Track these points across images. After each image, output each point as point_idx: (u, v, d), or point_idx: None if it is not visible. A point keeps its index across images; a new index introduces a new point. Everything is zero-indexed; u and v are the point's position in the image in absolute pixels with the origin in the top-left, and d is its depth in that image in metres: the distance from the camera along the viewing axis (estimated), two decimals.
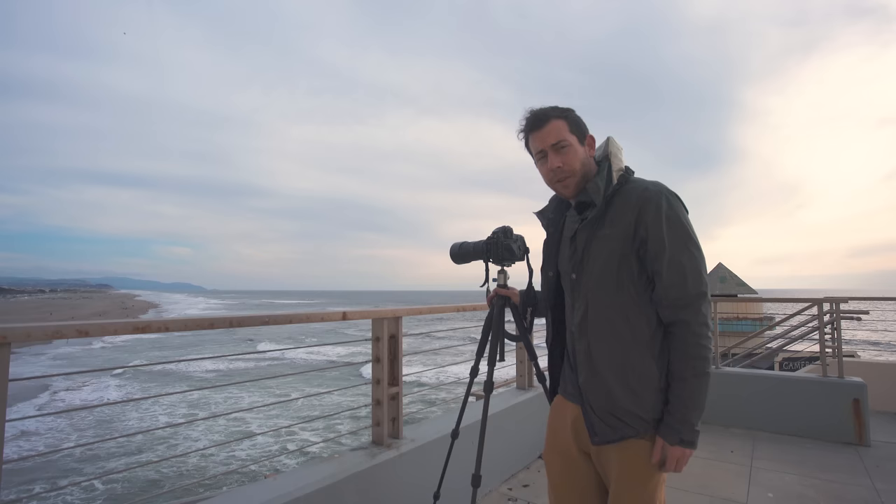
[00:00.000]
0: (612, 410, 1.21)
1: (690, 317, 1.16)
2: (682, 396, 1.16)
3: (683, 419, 1.16)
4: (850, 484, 3.07)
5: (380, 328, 2.32)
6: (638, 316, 1.20)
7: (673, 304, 1.18)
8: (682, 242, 1.18)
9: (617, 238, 1.21)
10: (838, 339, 4.22)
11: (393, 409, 2.35)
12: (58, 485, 9.99)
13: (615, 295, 1.21)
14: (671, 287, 1.17)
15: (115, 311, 65.85)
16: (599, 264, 1.23)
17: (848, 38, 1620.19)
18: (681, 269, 1.17)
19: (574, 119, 1.31)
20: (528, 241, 1.80)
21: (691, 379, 1.16)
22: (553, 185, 1.34)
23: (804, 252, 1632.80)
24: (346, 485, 1.97)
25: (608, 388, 1.21)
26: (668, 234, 1.18)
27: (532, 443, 3.31)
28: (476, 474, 1.61)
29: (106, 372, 27.95)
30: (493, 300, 1.76)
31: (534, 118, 1.31)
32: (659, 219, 1.18)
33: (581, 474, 1.32)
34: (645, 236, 1.18)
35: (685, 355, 1.16)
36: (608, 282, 1.22)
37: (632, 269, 1.20)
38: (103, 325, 1.56)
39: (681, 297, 1.17)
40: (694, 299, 1.17)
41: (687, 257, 1.18)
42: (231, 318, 1.73)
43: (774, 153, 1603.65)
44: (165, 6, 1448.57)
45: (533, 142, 1.33)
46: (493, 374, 1.75)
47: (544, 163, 1.32)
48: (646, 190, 1.21)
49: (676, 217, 1.19)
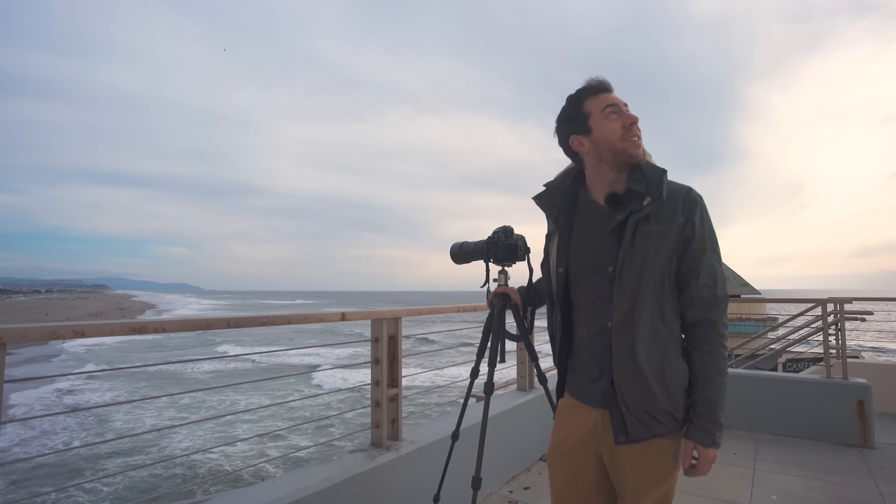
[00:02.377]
0: (648, 409, 1.19)
1: (717, 317, 1.20)
2: (712, 398, 1.18)
3: (714, 420, 1.17)
4: (854, 486, 3.04)
5: (379, 329, 2.30)
6: (674, 315, 1.22)
7: (704, 304, 1.20)
8: (714, 247, 1.23)
9: (668, 235, 1.19)
10: (842, 340, 4.19)
11: (392, 411, 2.34)
12: (63, 485, 9.98)
13: (660, 292, 1.21)
14: (707, 287, 1.20)
15: (112, 311, 65.37)
16: (649, 260, 1.18)
17: (852, 35, 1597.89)
18: (713, 271, 1.21)
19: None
20: (529, 241, 1.79)
21: (717, 379, 1.18)
22: (625, 142, 1.23)
23: (807, 252, 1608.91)
24: (346, 487, 1.95)
25: (647, 387, 1.17)
26: (709, 237, 1.22)
27: (533, 445, 3.29)
28: (476, 476, 1.60)
29: (97, 372, 28.02)
30: (494, 300, 1.74)
31: (604, 81, 1.28)
32: (704, 221, 1.22)
33: (589, 478, 1.28)
34: (691, 236, 1.20)
35: (712, 355, 1.19)
36: (654, 278, 1.19)
37: (671, 268, 1.22)
38: (100, 325, 1.55)
39: (712, 297, 1.20)
40: (721, 301, 1.21)
41: (717, 261, 1.23)
42: (229, 319, 1.72)
43: (777, 152, 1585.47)
44: (162, 4, 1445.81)
45: (601, 99, 1.25)
46: (493, 376, 1.73)
47: (614, 118, 1.23)
48: (691, 191, 1.24)
49: (710, 222, 1.25)
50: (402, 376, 2.37)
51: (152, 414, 15.29)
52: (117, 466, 10.80)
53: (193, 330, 1.69)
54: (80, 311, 61.73)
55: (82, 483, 10.09)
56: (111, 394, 18.59)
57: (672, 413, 1.20)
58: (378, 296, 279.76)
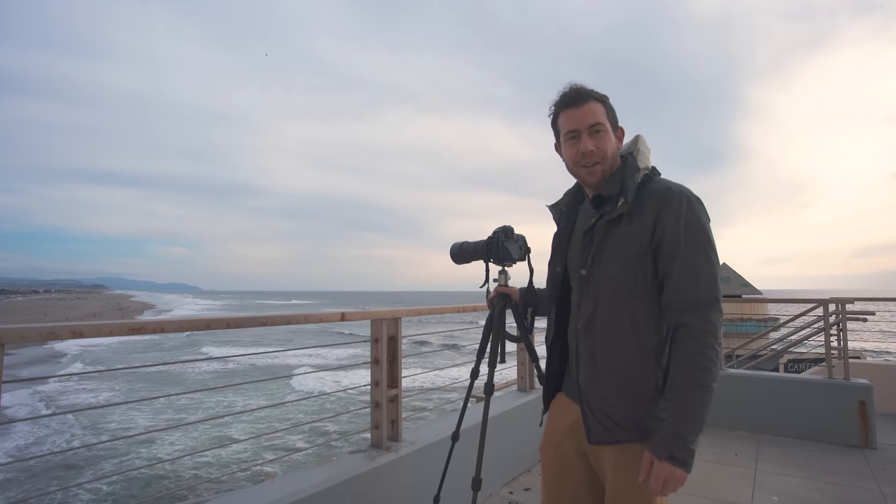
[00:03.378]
0: (609, 413, 1.18)
1: (695, 321, 1.10)
2: (675, 408, 1.07)
3: (675, 434, 1.06)
4: (856, 487, 3.03)
5: (379, 329, 2.29)
6: (647, 321, 1.16)
7: (680, 307, 1.12)
8: (698, 246, 1.13)
9: (635, 237, 1.16)
10: (844, 341, 4.17)
11: (392, 412, 2.33)
12: (67, 485, 9.98)
13: (626, 296, 1.17)
14: (682, 290, 1.12)
15: (111, 312, 65.10)
16: (614, 263, 1.18)
17: (854, 34, 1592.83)
18: (695, 272, 1.12)
19: (611, 107, 1.26)
20: (529, 241, 1.78)
21: (687, 389, 1.07)
22: (578, 169, 1.25)
23: (809, 252, 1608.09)
24: (345, 488, 1.95)
25: (608, 392, 1.18)
26: (686, 236, 1.13)
27: (533, 445, 3.27)
28: (476, 477, 1.59)
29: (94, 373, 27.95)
30: (494, 301, 1.73)
31: (573, 94, 1.23)
32: (678, 220, 1.14)
33: (573, 473, 1.30)
34: (662, 237, 1.14)
35: (684, 363, 1.09)
36: (621, 282, 1.17)
37: (646, 271, 1.16)
38: (98, 325, 1.54)
39: (691, 300, 1.11)
40: (704, 304, 1.10)
41: (703, 261, 1.13)
42: (228, 319, 1.72)
43: (779, 151, 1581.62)
44: (160, 3, 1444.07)
45: (565, 119, 1.24)
46: (493, 376, 1.72)
47: (573, 144, 1.23)
48: (668, 190, 1.17)
49: (696, 220, 1.14)
50: (401, 377, 2.36)
51: (148, 415, 15.23)
52: (111, 468, 10.73)
53: (192, 330, 1.69)
54: (79, 312, 61.57)
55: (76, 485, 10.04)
56: (105, 395, 18.47)
57: (638, 421, 1.15)
58: (378, 296, 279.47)
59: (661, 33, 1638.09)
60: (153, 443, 12.36)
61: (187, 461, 10.76)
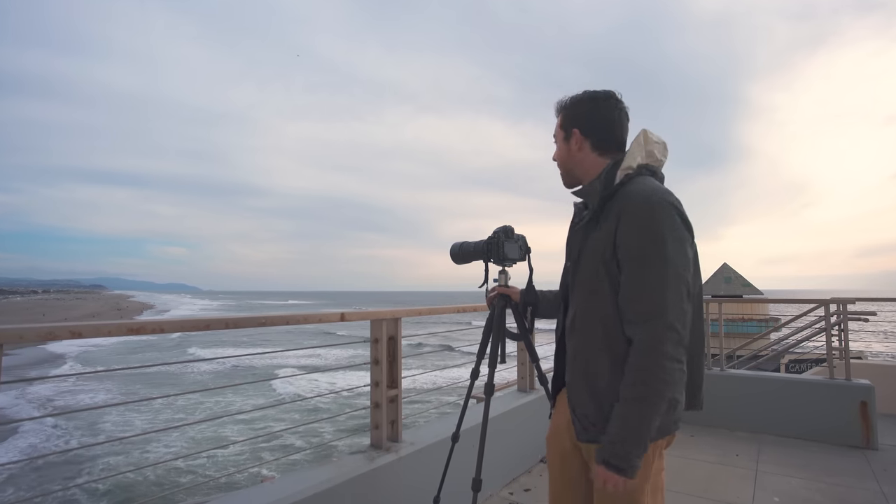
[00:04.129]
0: (586, 414, 1.21)
1: (639, 335, 1.09)
2: (617, 416, 1.09)
3: (613, 441, 1.09)
4: (857, 488, 3.02)
5: (378, 329, 2.29)
6: (616, 326, 1.15)
7: (628, 318, 1.12)
8: (647, 257, 1.09)
9: (601, 242, 1.18)
10: (845, 341, 4.16)
11: (392, 412, 2.32)
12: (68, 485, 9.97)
13: (595, 301, 1.19)
14: (630, 301, 1.11)
15: (110, 312, 64.81)
16: (587, 267, 1.21)
17: (856, 33, 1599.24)
18: (641, 283, 1.10)
19: (569, 112, 1.32)
20: (529, 241, 1.78)
21: (629, 401, 1.08)
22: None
23: (810, 252, 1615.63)
24: (345, 489, 1.94)
25: (583, 392, 1.22)
26: (638, 245, 1.10)
27: (534, 446, 3.27)
28: (476, 478, 1.59)
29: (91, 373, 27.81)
30: (494, 301, 1.73)
31: (556, 106, 1.36)
32: (632, 227, 1.11)
33: (573, 465, 1.33)
34: (619, 244, 1.13)
35: (627, 376, 1.09)
36: (591, 285, 1.20)
37: (613, 276, 1.16)
38: (97, 326, 1.54)
39: (637, 312, 1.10)
40: (648, 318, 1.08)
41: (651, 273, 1.09)
42: (227, 320, 1.71)
43: (780, 151, 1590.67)
44: (159, 2, 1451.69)
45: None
46: (493, 377, 1.72)
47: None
48: (632, 194, 1.15)
49: (654, 229, 1.09)
50: (401, 377, 2.35)
51: (145, 416, 15.15)
52: (108, 469, 10.68)
53: (191, 330, 1.68)
54: (78, 312, 61.47)
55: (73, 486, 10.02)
56: (101, 396, 18.37)
57: (604, 423, 1.16)
58: (378, 296, 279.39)
59: (661, 32, 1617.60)
60: (150, 444, 12.30)
61: (185, 462, 10.73)
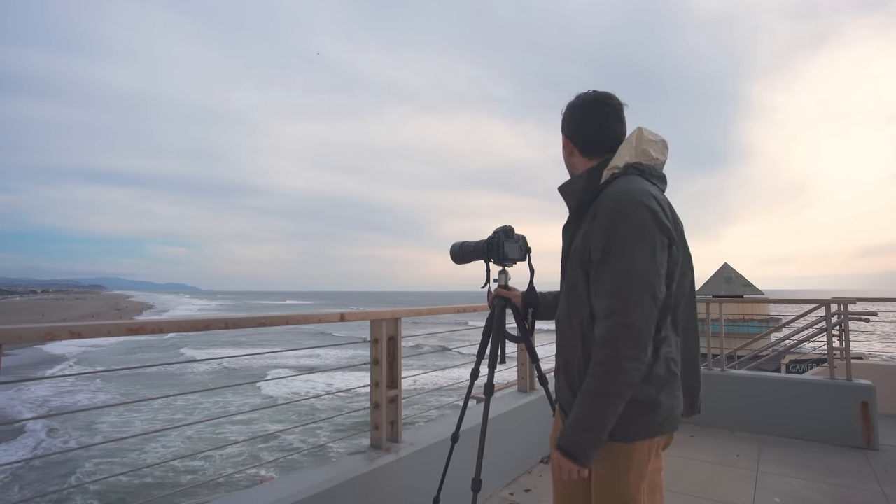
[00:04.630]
0: (565, 408, 1.25)
1: (599, 331, 1.11)
2: (575, 406, 1.13)
3: (569, 428, 1.14)
4: (858, 489, 3.01)
5: (378, 329, 2.28)
6: (589, 325, 1.17)
7: (595, 316, 1.13)
8: (611, 255, 1.10)
9: (581, 242, 1.21)
10: (846, 341, 4.15)
11: (392, 413, 2.32)
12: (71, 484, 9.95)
13: (574, 299, 1.22)
14: (595, 298, 1.14)
15: (109, 312, 64.60)
16: (571, 266, 1.25)
17: (857, 32, 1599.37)
18: (606, 282, 1.11)
19: (565, 118, 1.35)
20: (529, 241, 1.77)
21: (585, 393, 1.11)
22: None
23: (811, 252, 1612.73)
24: (345, 489, 1.94)
25: (566, 389, 1.25)
26: (605, 244, 1.11)
27: (534, 447, 3.27)
28: (476, 479, 1.58)
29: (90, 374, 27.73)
30: (494, 301, 1.73)
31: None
32: (601, 226, 1.13)
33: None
34: (589, 243, 1.16)
35: (590, 369, 1.11)
36: (573, 283, 1.23)
37: (588, 277, 1.18)
38: (96, 326, 1.54)
39: (599, 308, 1.12)
40: (608, 314, 1.09)
41: (616, 271, 1.09)
42: (227, 320, 1.71)
43: (781, 151, 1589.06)
44: (159, 2, 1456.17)
45: None
46: (493, 377, 1.72)
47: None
48: (606, 193, 1.17)
49: (621, 228, 1.10)
50: (401, 377, 2.35)
51: (143, 417, 15.13)
52: (105, 470, 10.64)
53: (191, 331, 1.68)
54: (77, 312, 61.38)
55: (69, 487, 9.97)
56: (101, 396, 18.37)
57: None
58: (377, 296, 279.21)
59: (662, 32, 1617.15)
60: (149, 444, 12.27)
61: (184, 463, 10.71)
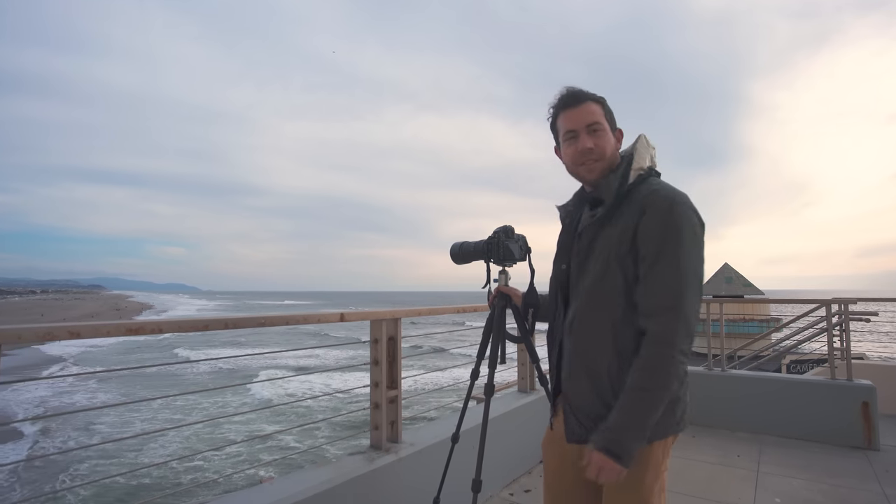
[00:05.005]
0: (588, 413, 1.20)
1: (653, 328, 1.11)
2: (620, 406, 1.12)
3: (614, 428, 1.11)
4: (859, 489, 3.01)
5: (378, 330, 2.28)
6: (626, 324, 1.16)
7: (644, 311, 1.14)
8: (671, 252, 1.12)
9: (617, 239, 1.17)
10: (847, 341, 4.15)
11: (392, 413, 2.31)
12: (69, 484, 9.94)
13: (607, 298, 1.18)
14: (647, 295, 1.13)
15: (108, 312, 64.47)
16: (598, 264, 1.20)
17: (859, 31, 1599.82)
18: (661, 278, 1.12)
19: (608, 108, 1.28)
20: (530, 241, 1.77)
21: (634, 390, 1.11)
22: (577, 168, 1.27)
23: (812, 252, 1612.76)
24: (344, 490, 1.93)
25: (587, 391, 1.21)
26: (661, 240, 1.12)
27: (534, 447, 3.26)
28: (477, 479, 1.58)
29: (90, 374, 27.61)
30: (494, 301, 1.72)
31: (570, 95, 1.26)
32: (655, 224, 1.13)
33: (572, 471, 1.31)
34: (640, 240, 1.14)
35: (636, 366, 1.12)
36: (602, 282, 1.19)
37: (627, 272, 1.16)
38: (96, 326, 1.54)
39: (653, 305, 1.12)
40: (664, 311, 1.10)
41: (671, 268, 1.11)
42: (226, 320, 1.71)
43: (782, 150, 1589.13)
44: (157, 0, 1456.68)
45: (564, 120, 1.27)
46: (493, 377, 1.71)
47: (572, 143, 1.26)
48: (654, 192, 1.17)
49: (674, 225, 1.13)
50: (401, 378, 2.35)
51: (142, 417, 15.10)
52: (103, 471, 10.57)
53: (190, 331, 1.68)
54: (76, 312, 61.29)
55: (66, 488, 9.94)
56: (102, 395, 18.36)
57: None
58: (377, 296, 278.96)
59: (662, 30, 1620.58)
60: (147, 445, 12.24)
61: (183, 464, 10.68)
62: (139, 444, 12.22)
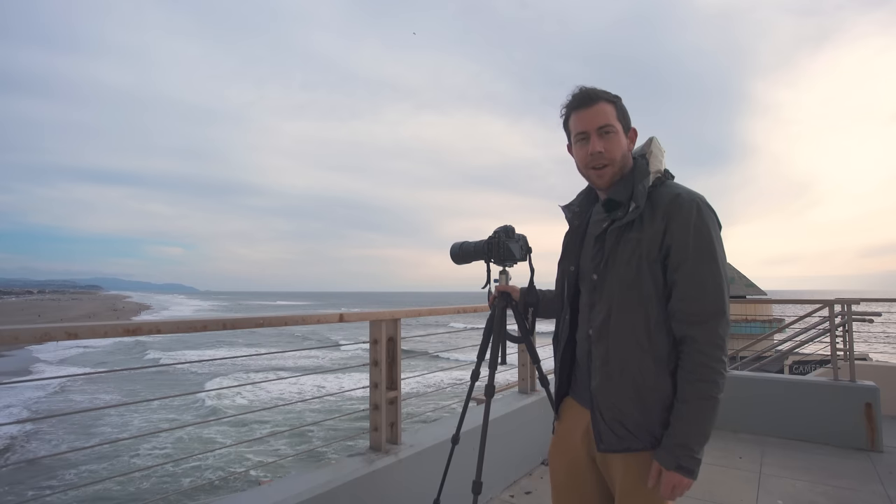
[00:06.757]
0: (621, 420, 1.17)
1: (700, 334, 1.10)
2: (682, 419, 1.11)
3: (682, 444, 1.11)
4: (862, 491, 2.99)
5: (378, 330, 2.27)
6: (659, 327, 1.15)
7: (686, 318, 1.12)
8: (705, 255, 1.12)
9: (644, 243, 1.16)
10: (850, 342, 4.12)
11: (391, 414, 2.30)
12: None
13: (638, 302, 1.16)
14: (687, 300, 1.12)
15: (106, 312, 64.23)
16: (626, 269, 1.18)
17: (862, 29, 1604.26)
18: (701, 281, 1.12)
19: (622, 107, 1.26)
20: (530, 240, 1.76)
21: (694, 401, 1.10)
22: (588, 171, 1.26)
23: (815, 252, 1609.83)
24: (343, 491, 1.92)
25: (619, 398, 1.17)
26: (694, 244, 1.12)
27: (535, 448, 3.25)
28: (477, 481, 1.56)
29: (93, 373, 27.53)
30: (495, 301, 1.71)
31: (582, 96, 1.24)
32: (686, 228, 1.13)
33: (586, 480, 1.29)
34: (670, 244, 1.13)
35: (690, 375, 1.11)
36: (632, 287, 1.17)
37: (657, 277, 1.15)
38: (93, 327, 1.53)
39: (696, 311, 1.11)
40: (710, 316, 1.11)
41: (709, 271, 1.12)
42: (224, 320, 1.70)
43: (784, 149, 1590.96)
44: None
45: (576, 120, 1.25)
46: (494, 378, 1.70)
47: (583, 145, 1.24)
48: (678, 196, 1.16)
49: (705, 229, 1.13)
50: (401, 379, 2.33)
51: (140, 418, 15.05)
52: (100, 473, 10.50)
53: (188, 331, 1.67)
54: (74, 313, 61.24)
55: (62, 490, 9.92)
56: (103, 396, 18.32)
57: (649, 429, 1.15)
58: (377, 296, 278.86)
59: (663, 27, 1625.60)
60: (146, 446, 12.21)
61: (180, 467, 10.61)
62: (137, 444, 12.20)
